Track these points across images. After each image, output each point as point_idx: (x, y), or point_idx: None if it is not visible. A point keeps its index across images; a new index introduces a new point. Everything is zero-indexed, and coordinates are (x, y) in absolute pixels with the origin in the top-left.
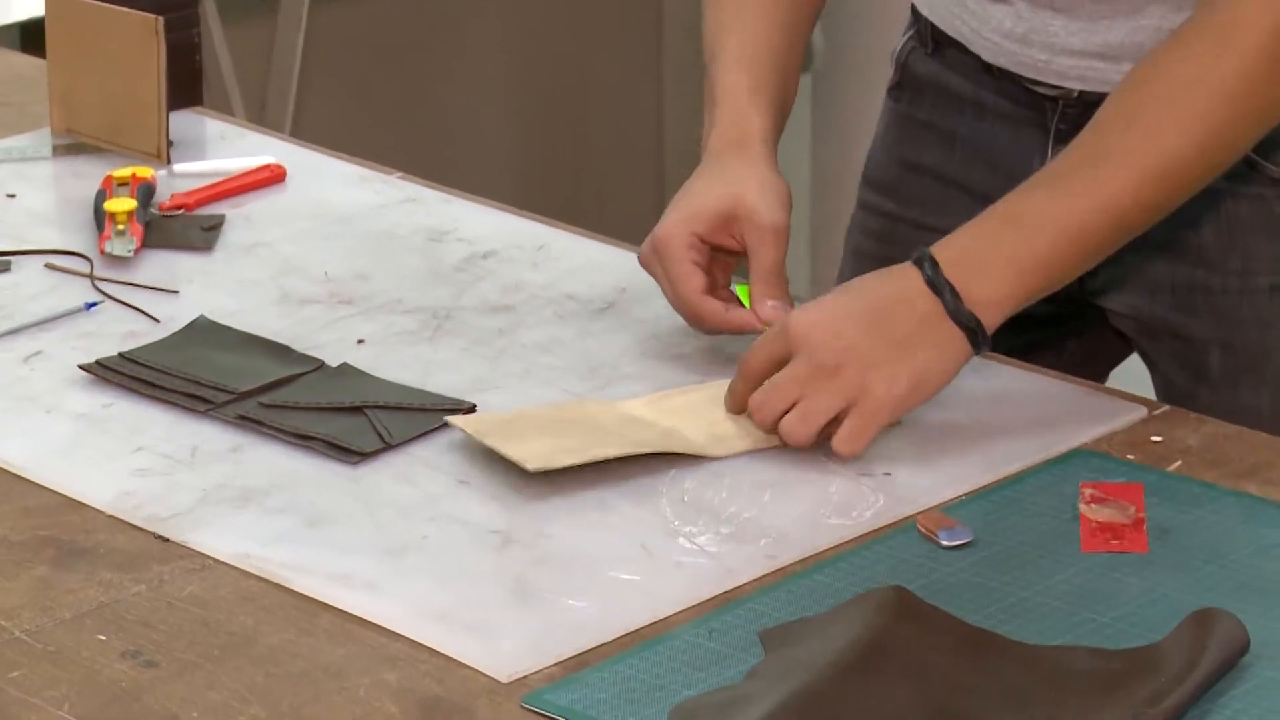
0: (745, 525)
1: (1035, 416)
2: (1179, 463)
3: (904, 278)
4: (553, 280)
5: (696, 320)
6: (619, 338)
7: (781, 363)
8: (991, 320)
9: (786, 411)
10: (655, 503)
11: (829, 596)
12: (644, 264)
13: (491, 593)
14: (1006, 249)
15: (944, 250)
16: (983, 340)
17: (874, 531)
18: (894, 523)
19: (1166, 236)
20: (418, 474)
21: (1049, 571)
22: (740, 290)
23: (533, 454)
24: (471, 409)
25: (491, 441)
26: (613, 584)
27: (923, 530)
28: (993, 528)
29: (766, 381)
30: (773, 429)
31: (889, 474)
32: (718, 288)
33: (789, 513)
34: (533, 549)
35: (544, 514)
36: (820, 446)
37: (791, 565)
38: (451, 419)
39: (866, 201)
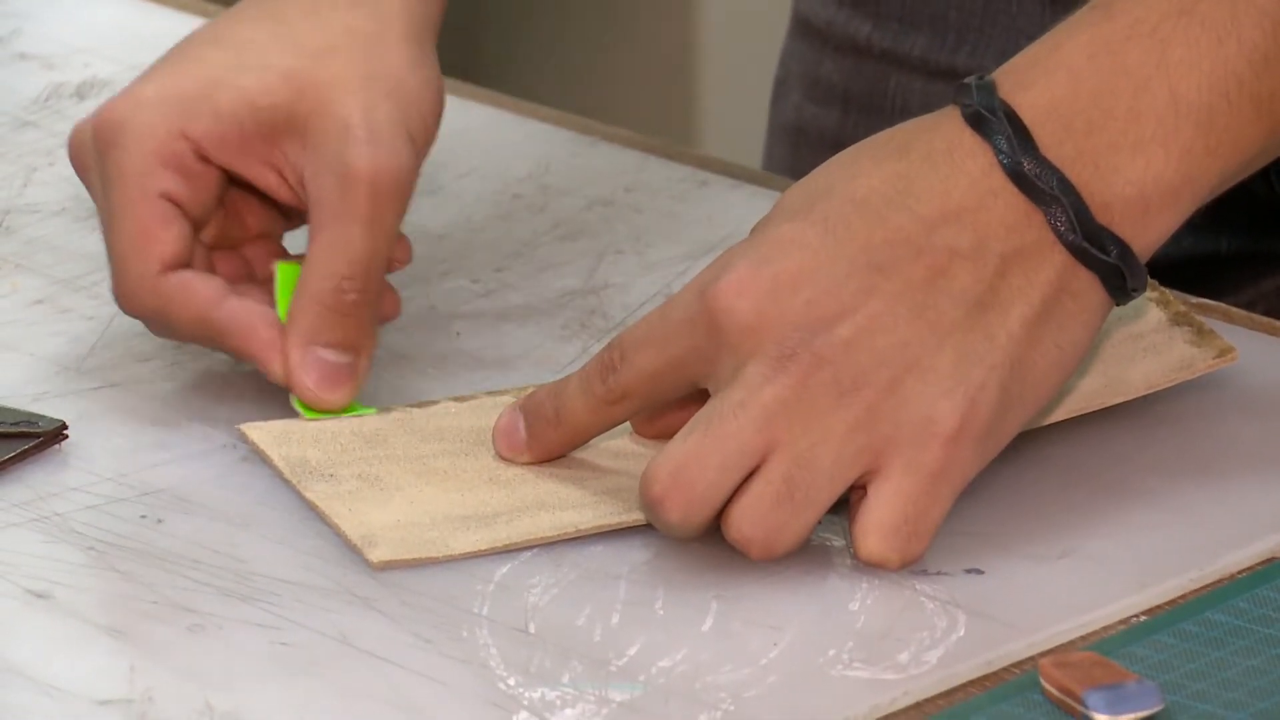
0: (664, 682)
1: None
2: None
3: (946, 164)
4: None
5: (145, 310)
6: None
7: (690, 382)
8: (1148, 236)
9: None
10: (467, 636)
11: None
12: (74, 157)
13: None
14: (1152, 87)
15: (1019, 90)
16: (1132, 276)
17: (947, 693)
18: (991, 674)
19: None
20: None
21: None
22: (284, 271)
23: (390, 529)
24: (59, 433)
25: (312, 494)
26: None
27: (1052, 690)
28: (1202, 683)
29: (681, 433)
30: (707, 520)
31: (978, 570)
32: (228, 244)
33: (759, 655)
34: None
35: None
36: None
37: None
38: (248, 429)
39: (812, 21)
